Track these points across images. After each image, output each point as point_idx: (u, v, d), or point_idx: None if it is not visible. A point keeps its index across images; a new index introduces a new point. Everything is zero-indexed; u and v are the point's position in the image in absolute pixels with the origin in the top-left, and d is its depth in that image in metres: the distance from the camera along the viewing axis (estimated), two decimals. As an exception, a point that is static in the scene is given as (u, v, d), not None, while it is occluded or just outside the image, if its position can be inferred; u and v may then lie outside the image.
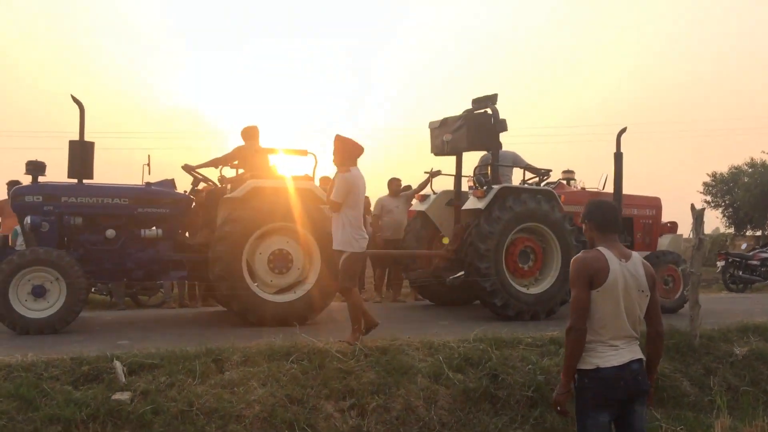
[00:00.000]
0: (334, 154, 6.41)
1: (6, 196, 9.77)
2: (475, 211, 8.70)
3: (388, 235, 10.68)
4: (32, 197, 7.45)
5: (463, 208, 9.08)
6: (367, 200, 11.01)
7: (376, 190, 11.53)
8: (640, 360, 3.53)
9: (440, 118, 9.67)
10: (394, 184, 10.97)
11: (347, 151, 6.39)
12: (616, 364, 3.45)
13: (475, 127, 9.06)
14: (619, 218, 3.72)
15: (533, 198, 8.75)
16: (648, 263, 3.61)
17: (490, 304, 8.57)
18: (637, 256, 3.59)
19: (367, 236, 6.56)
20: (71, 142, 7.55)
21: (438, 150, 9.75)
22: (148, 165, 8.15)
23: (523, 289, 8.71)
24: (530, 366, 6.09)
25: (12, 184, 9.85)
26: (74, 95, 7.47)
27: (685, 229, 11.95)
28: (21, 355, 5.47)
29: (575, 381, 3.54)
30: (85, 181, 7.68)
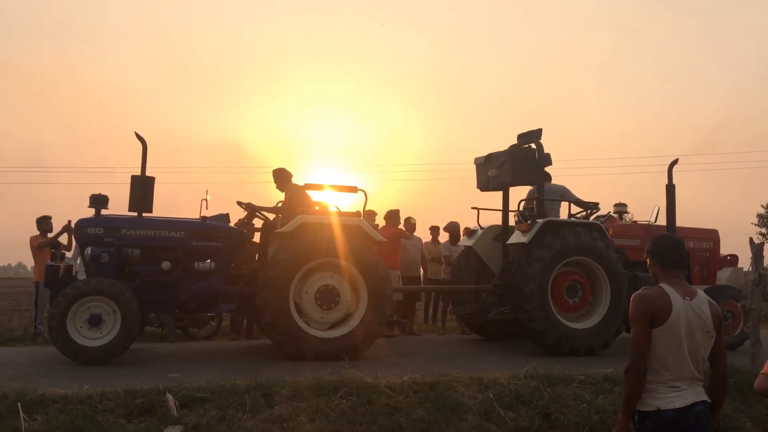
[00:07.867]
0: None
1: (38, 232, 10.03)
2: (519, 245, 8.66)
3: None
4: (94, 229, 7.71)
5: (508, 242, 9.05)
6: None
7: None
8: (704, 402, 3.37)
9: (485, 153, 9.69)
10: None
11: None
12: (678, 406, 3.30)
13: (520, 162, 9.08)
14: (684, 254, 3.57)
15: (582, 232, 8.62)
16: (714, 302, 3.47)
17: (529, 330, 8.47)
18: (702, 294, 3.44)
19: None
20: (133, 177, 7.75)
21: (483, 185, 9.79)
22: (206, 200, 8.30)
23: (568, 323, 8.54)
24: (584, 405, 5.92)
25: (41, 220, 10.10)
26: (138, 132, 7.71)
27: (743, 263, 11.56)
28: (77, 387, 5.58)
29: (635, 423, 3.41)
30: (144, 214, 7.87)
